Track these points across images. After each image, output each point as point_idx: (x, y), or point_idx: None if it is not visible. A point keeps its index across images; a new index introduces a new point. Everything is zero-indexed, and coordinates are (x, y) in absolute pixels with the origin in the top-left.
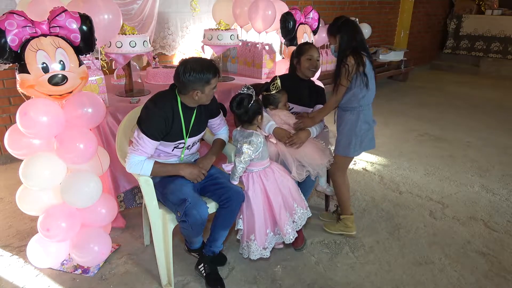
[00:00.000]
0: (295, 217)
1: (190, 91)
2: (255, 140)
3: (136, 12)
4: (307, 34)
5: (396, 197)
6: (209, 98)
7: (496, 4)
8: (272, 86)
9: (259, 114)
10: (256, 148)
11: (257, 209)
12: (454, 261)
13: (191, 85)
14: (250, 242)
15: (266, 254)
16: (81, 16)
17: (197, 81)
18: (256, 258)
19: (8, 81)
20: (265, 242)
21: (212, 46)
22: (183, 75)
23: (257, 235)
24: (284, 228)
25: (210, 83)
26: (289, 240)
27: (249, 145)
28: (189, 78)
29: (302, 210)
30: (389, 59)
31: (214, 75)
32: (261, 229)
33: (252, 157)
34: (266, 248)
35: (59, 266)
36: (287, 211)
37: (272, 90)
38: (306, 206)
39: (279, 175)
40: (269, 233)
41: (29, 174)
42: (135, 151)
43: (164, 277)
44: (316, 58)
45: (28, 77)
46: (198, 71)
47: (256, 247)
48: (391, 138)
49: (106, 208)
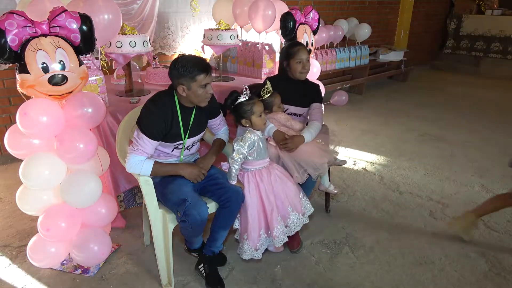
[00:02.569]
0: (288, 221)
1: (176, 86)
2: (248, 136)
3: (136, 12)
4: (307, 34)
5: (396, 197)
6: (200, 99)
7: (496, 4)
8: (263, 91)
9: (243, 119)
10: (250, 145)
11: (250, 209)
12: (454, 261)
13: (177, 79)
14: (243, 241)
15: (257, 256)
16: (81, 16)
17: (182, 76)
18: (248, 258)
19: (8, 81)
20: (257, 244)
21: (212, 46)
22: (173, 68)
23: (249, 235)
24: (274, 231)
25: (196, 79)
26: (278, 243)
27: (241, 142)
28: (175, 71)
29: (297, 216)
30: (389, 59)
31: (201, 72)
32: (254, 229)
33: (245, 154)
34: (258, 249)
35: (59, 266)
36: (279, 214)
37: (264, 95)
38: (303, 212)
39: (277, 177)
40: (262, 234)
41: (29, 174)
42: (135, 151)
43: (164, 277)
44: (306, 59)
45: (28, 77)
46: (185, 66)
47: (247, 247)
48: (391, 138)
49: (106, 208)
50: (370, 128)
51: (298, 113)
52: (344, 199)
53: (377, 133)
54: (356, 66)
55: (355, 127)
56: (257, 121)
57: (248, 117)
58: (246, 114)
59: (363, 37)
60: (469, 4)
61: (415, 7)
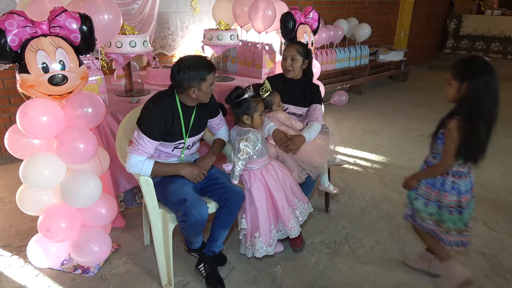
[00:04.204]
0: (296, 212)
1: (187, 89)
2: (252, 137)
3: (136, 12)
4: (307, 34)
5: (396, 197)
6: (207, 96)
7: (496, 4)
8: (261, 90)
9: (245, 115)
10: (254, 145)
11: (260, 206)
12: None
13: (187, 83)
14: (254, 240)
15: (270, 251)
16: (81, 16)
17: (192, 79)
18: (262, 255)
19: (8, 81)
20: (269, 239)
21: (212, 46)
22: (178, 74)
23: (261, 232)
24: (289, 223)
25: (206, 79)
26: (294, 234)
27: (246, 142)
28: (184, 76)
29: (304, 205)
30: (389, 59)
31: (209, 71)
32: (266, 225)
33: (251, 153)
34: (271, 244)
35: (59, 266)
36: (290, 206)
37: (262, 94)
38: (307, 201)
39: (279, 171)
40: (273, 229)
41: (29, 174)
42: (135, 151)
43: (164, 277)
44: (291, 57)
45: (28, 77)
46: (192, 69)
47: (261, 244)
48: (391, 138)
49: (106, 208)
50: (370, 128)
51: (298, 113)
52: (344, 199)
53: (377, 133)
54: (356, 66)
55: (355, 127)
56: (258, 120)
57: (251, 114)
58: (250, 111)
59: (363, 37)
60: (469, 4)
61: (415, 7)
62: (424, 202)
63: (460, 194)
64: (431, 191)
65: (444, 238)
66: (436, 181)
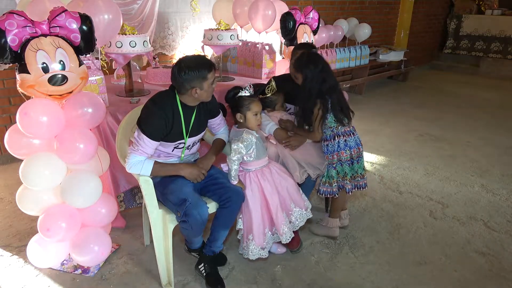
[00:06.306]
0: (291, 217)
1: (188, 90)
2: (246, 137)
3: (136, 12)
4: (307, 34)
5: (396, 197)
6: (209, 95)
7: (496, 4)
8: (267, 89)
9: (238, 112)
10: (248, 145)
11: (254, 209)
12: (454, 261)
13: (189, 83)
14: (248, 242)
15: (264, 254)
16: (81, 16)
17: (193, 79)
18: (255, 258)
19: (8, 81)
20: (263, 242)
21: (212, 46)
22: (179, 75)
23: (255, 235)
24: (281, 228)
25: (207, 78)
26: (285, 240)
27: (239, 142)
28: (185, 77)
29: (300, 211)
30: (389, 59)
31: (209, 70)
32: (259, 228)
33: (243, 153)
34: (264, 248)
35: (59, 266)
36: (284, 211)
37: (267, 93)
38: (305, 207)
39: (277, 175)
40: (267, 232)
41: (29, 174)
42: (135, 151)
43: (164, 277)
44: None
45: (28, 77)
46: (193, 69)
47: (254, 247)
48: (391, 138)
49: (106, 208)
50: (370, 128)
51: None
52: None
53: (377, 133)
54: (356, 66)
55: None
56: (251, 119)
57: (244, 112)
58: (243, 109)
59: (363, 37)
60: (469, 4)
61: (415, 7)
62: (333, 168)
63: (351, 149)
64: (332, 156)
65: (348, 187)
66: (330, 147)
